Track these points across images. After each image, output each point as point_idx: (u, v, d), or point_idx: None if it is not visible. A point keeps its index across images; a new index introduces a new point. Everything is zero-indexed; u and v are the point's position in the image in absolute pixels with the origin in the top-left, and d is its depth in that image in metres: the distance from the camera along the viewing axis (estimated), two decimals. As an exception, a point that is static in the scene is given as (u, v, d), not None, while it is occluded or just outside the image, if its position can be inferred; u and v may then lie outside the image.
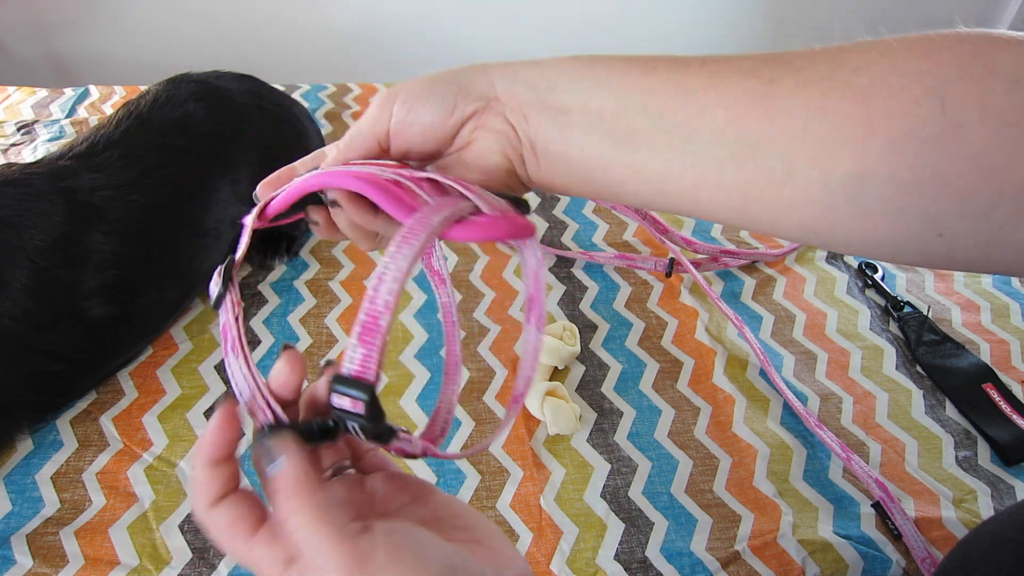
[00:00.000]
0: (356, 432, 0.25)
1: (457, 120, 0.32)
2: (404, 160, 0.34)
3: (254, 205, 0.33)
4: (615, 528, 0.52)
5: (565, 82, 0.31)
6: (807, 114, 0.27)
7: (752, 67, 0.29)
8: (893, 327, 0.69)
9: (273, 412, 0.26)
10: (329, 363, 0.29)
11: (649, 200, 0.32)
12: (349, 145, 0.34)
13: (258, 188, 0.34)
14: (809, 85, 0.27)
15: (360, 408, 0.23)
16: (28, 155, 0.82)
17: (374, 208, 0.31)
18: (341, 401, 0.24)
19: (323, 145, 0.78)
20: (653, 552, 0.50)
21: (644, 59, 0.31)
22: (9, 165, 0.56)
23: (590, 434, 0.58)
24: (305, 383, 0.28)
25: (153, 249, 0.60)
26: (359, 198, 0.31)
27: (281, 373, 0.28)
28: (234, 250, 0.31)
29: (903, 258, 0.29)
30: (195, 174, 0.63)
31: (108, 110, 0.92)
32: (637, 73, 0.30)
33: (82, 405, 0.58)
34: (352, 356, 0.23)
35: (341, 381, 0.23)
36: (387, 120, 0.33)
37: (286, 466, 0.24)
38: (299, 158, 0.36)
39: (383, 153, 0.34)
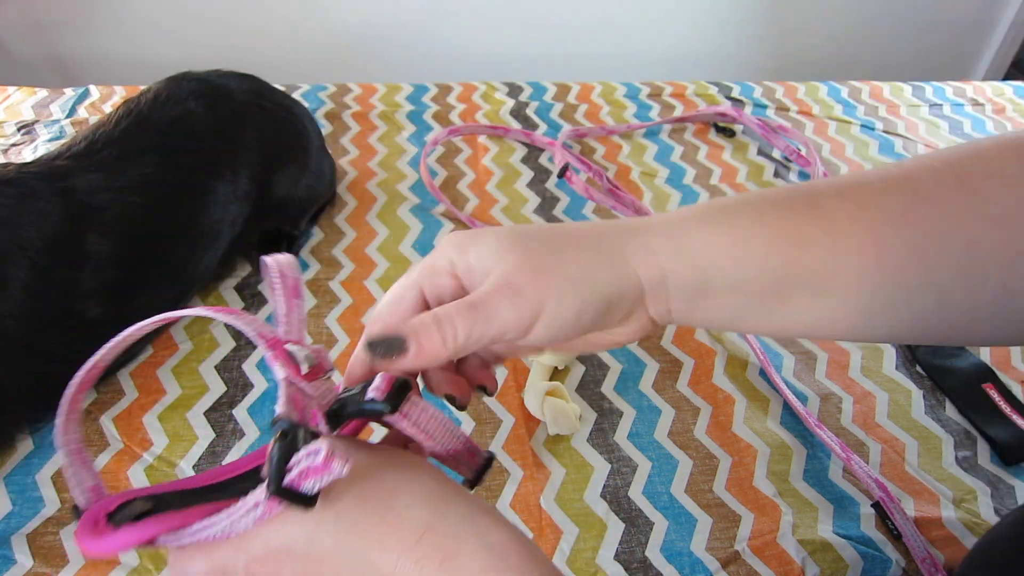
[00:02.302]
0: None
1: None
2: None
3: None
4: (615, 528, 0.52)
5: (714, 278, 0.30)
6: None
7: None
8: (893, 327, 0.69)
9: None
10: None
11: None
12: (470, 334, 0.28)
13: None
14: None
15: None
16: (28, 155, 0.82)
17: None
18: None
19: (323, 146, 0.78)
20: (653, 552, 0.51)
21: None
22: (6, 165, 0.56)
23: (590, 434, 0.58)
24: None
25: (151, 249, 0.59)
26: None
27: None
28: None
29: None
30: (194, 173, 0.63)
31: (108, 110, 0.92)
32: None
33: (82, 405, 0.58)
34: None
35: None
36: (498, 330, 0.28)
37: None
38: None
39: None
